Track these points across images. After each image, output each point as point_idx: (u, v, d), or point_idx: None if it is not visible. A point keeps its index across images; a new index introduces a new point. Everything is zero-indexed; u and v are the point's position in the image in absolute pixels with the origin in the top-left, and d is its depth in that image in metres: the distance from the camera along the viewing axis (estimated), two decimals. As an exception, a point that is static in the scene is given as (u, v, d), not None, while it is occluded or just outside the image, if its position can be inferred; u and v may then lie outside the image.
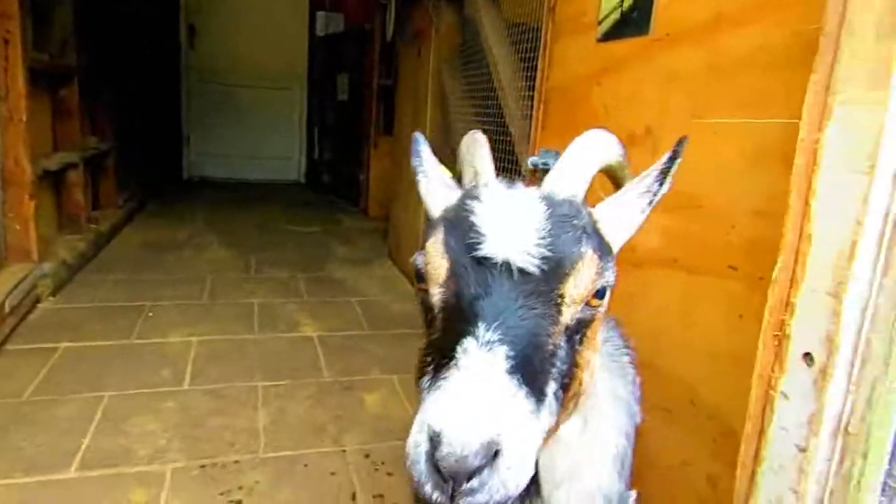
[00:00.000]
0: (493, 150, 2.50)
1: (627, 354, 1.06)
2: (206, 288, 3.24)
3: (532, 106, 2.05)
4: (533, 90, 2.05)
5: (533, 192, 0.73)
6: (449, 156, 2.84)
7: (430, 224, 0.76)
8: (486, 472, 0.55)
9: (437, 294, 0.68)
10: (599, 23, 1.66)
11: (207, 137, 6.78)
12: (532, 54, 2.08)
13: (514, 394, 0.59)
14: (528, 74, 2.11)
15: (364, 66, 5.35)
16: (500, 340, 0.61)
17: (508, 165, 2.26)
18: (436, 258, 0.68)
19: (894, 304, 0.69)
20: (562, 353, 0.67)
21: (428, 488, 0.57)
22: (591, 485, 0.81)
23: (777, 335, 0.82)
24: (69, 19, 3.40)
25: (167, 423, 1.95)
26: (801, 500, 0.78)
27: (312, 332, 2.78)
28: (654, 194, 0.78)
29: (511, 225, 0.66)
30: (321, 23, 6.78)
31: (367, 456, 1.87)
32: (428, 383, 0.63)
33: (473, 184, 0.82)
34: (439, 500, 0.57)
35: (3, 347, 2.35)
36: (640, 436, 1.26)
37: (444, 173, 0.87)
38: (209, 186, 6.38)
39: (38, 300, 2.78)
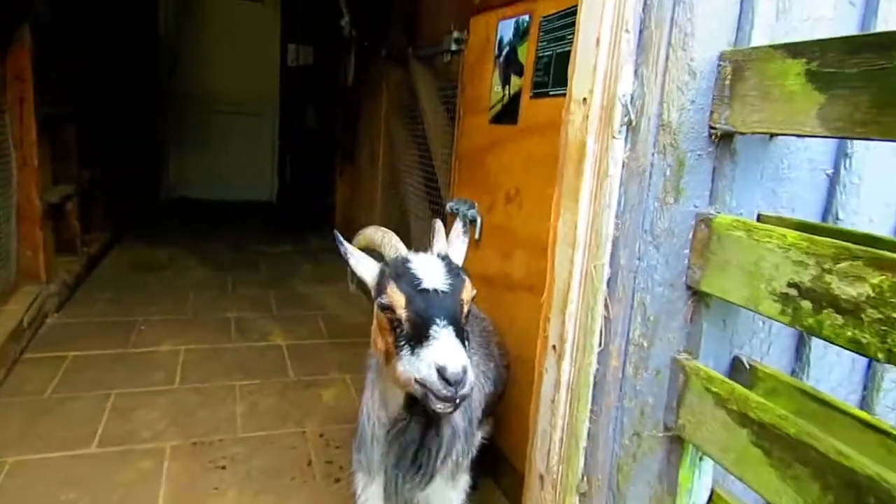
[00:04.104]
0: (426, 190, 3.12)
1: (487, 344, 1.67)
2: (189, 304, 3.76)
3: (450, 162, 2.64)
4: (452, 149, 2.64)
5: (433, 255, 1.29)
6: (395, 193, 3.45)
7: (380, 280, 1.25)
8: (465, 378, 1.04)
9: (403, 313, 1.16)
10: (490, 108, 2.26)
11: (184, 161, 7.25)
12: (452, 119, 2.68)
13: (462, 347, 1.11)
14: (451, 138, 2.70)
15: (331, 99, 5.91)
16: (448, 322, 1.11)
17: (437, 207, 2.85)
18: (397, 295, 1.18)
19: (588, 318, 1.28)
20: (465, 328, 1.20)
21: (443, 390, 1.04)
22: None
23: (545, 336, 1.41)
24: (68, 68, 3.91)
25: (164, 413, 2.48)
26: (554, 432, 1.37)
27: (281, 342, 3.33)
28: (465, 247, 1.38)
29: (432, 271, 1.20)
30: (292, 54, 7.34)
31: (321, 435, 2.43)
32: (407, 353, 1.11)
33: (398, 254, 1.33)
34: (449, 394, 1.04)
35: (22, 356, 2.85)
36: (514, 397, 1.85)
37: (361, 253, 1.39)
38: (186, 207, 6.85)
39: (46, 316, 3.28)
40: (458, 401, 1.06)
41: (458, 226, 1.39)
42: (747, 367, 1.24)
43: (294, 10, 7.16)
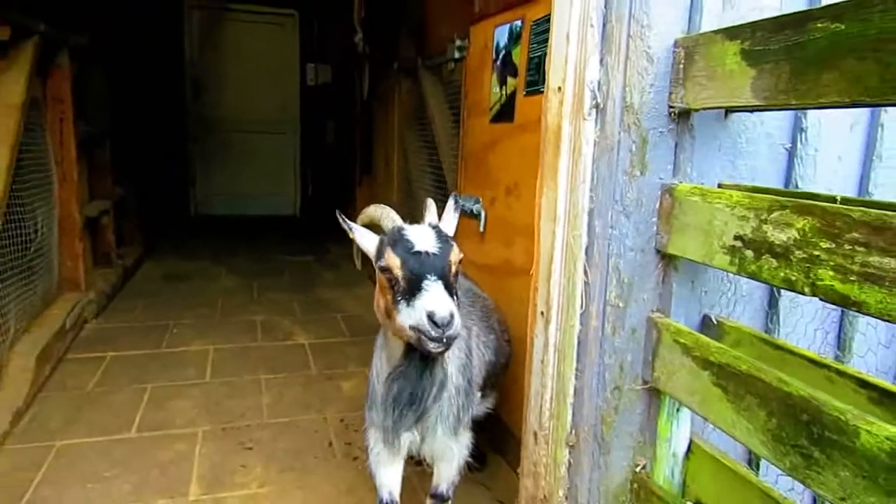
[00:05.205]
0: (437, 191, 3.30)
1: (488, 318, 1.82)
2: (218, 309, 3.97)
3: (457, 163, 2.81)
4: (458, 151, 2.81)
5: (425, 225, 1.44)
6: (409, 197, 3.63)
7: (379, 247, 1.42)
8: (452, 321, 1.20)
9: (399, 272, 1.31)
10: (490, 109, 2.42)
11: (211, 179, 7.54)
12: (457, 123, 2.84)
13: (450, 297, 1.26)
14: (458, 140, 2.87)
15: (348, 114, 6.14)
16: (437, 278, 1.27)
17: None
18: (393, 258, 1.33)
19: (570, 284, 1.42)
20: (454, 285, 1.34)
21: (433, 332, 1.20)
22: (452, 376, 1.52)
23: (534, 305, 1.55)
24: (103, 91, 4.19)
25: (196, 403, 2.67)
26: (545, 391, 1.51)
27: (304, 340, 3.50)
28: (456, 221, 1.53)
29: (424, 237, 1.35)
30: (311, 73, 7.62)
31: (341, 420, 2.58)
32: (403, 305, 1.27)
33: (394, 225, 1.50)
34: (438, 335, 1.19)
35: (66, 356, 3.07)
36: (516, 375, 1.98)
37: (363, 228, 1.56)
38: (214, 222, 7.12)
39: (86, 321, 3.51)
40: (446, 340, 1.21)
41: (450, 203, 1.55)
42: (715, 322, 1.37)
43: (312, 30, 7.45)
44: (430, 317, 1.19)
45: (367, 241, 1.46)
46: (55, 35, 3.11)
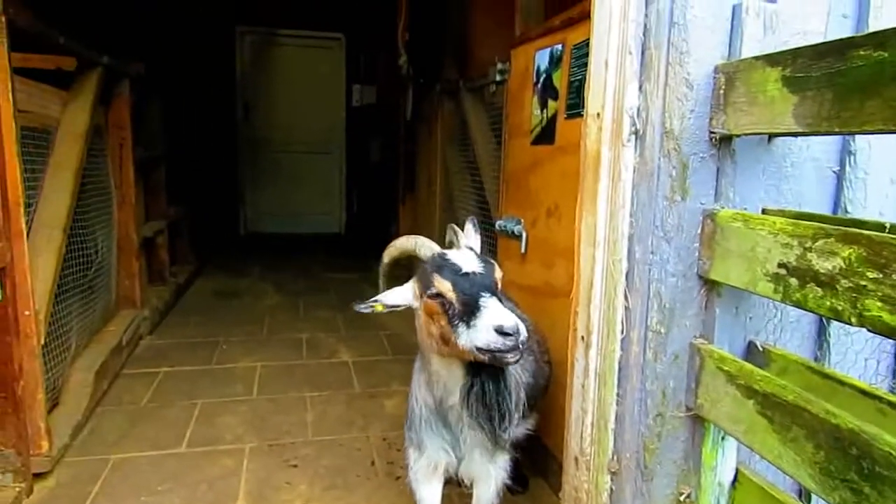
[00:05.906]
0: (479, 212, 3.34)
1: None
2: (265, 326, 4.08)
3: (498, 184, 2.83)
4: (499, 172, 2.83)
5: (466, 249, 1.48)
6: (451, 216, 3.67)
7: (423, 279, 1.42)
8: (520, 328, 1.21)
9: (452, 295, 1.33)
10: (531, 131, 2.44)
11: (260, 198, 7.76)
12: (499, 144, 2.87)
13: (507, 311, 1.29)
14: (499, 162, 2.90)
15: (392, 134, 6.25)
16: (490, 295, 1.30)
17: (488, 227, 3.03)
18: (443, 283, 1.35)
19: (610, 309, 1.41)
20: (502, 298, 1.36)
21: (508, 342, 1.21)
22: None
23: (574, 329, 1.55)
24: (158, 115, 4.39)
25: (243, 419, 2.74)
26: (586, 416, 1.50)
27: (347, 358, 3.56)
28: (478, 243, 1.57)
29: (467, 259, 1.38)
30: (356, 95, 7.79)
31: (384, 439, 2.61)
32: (463, 328, 1.28)
33: (433, 252, 1.53)
34: (513, 343, 1.21)
35: (122, 372, 3.20)
36: (558, 399, 1.98)
37: (386, 294, 1.54)
38: (262, 240, 7.31)
39: (141, 337, 3.65)
40: (521, 346, 1.24)
41: (468, 227, 1.58)
42: (761, 349, 1.35)
43: (357, 53, 7.62)
44: (499, 330, 1.22)
45: (396, 295, 1.48)
46: (117, 66, 3.28)
